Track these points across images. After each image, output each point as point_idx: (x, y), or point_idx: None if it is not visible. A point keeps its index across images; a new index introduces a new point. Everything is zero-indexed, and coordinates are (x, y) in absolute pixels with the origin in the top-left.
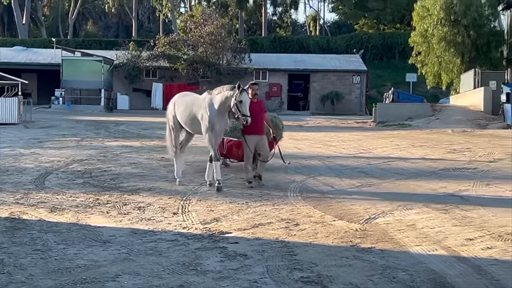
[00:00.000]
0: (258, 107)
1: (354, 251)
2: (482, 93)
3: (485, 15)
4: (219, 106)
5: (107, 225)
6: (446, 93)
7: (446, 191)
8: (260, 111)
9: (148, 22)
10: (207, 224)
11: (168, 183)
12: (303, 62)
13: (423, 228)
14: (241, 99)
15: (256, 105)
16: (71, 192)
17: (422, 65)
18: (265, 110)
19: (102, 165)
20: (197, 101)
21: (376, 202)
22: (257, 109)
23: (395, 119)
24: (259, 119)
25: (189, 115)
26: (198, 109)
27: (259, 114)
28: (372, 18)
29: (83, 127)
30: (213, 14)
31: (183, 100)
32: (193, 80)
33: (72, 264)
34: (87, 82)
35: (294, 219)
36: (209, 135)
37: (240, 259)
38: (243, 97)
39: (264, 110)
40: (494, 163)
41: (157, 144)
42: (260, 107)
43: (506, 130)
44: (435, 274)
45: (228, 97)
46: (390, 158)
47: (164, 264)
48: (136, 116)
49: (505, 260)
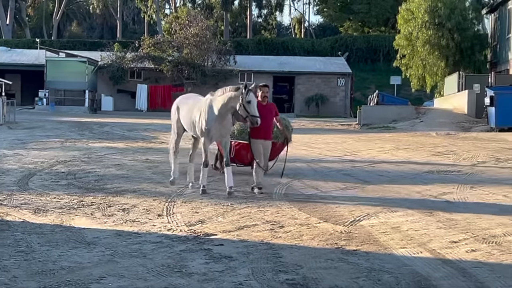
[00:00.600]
0: (268, 111)
1: (339, 253)
2: (466, 96)
3: (469, 18)
4: (220, 109)
5: (91, 227)
6: (430, 96)
7: (431, 193)
8: (269, 115)
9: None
10: (192, 226)
11: (153, 184)
12: (288, 64)
13: (408, 230)
14: (249, 99)
15: (266, 108)
16: (55, 193)
17: (407, 68)
18: (276, 113)
19: (86, 166)
20: (199, 103)
21: (361, 205)
22: (266, 113)
23: (379, 122)
24: (267, 124)
25: (190, 118)
26: (198, 112)
27: (268, 118)
28: (357, 21)
29: (67, 128)
30: (198, 16)
31: (186, 103)
32: (178, 82)
33: (56, 266)
34: (71, 83)
35: (279, 221)
36: (204, 139)
37: (225, 261)
38: (251, 97)
39: (274, 114)
40: (478, 165)
41: (141, 145)
42: (270, 110)
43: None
44: (420, 276)
45: (232, 97)
46: (375, 161)
47: (148, 266)
48: (120, 117)
49: (490, 263)
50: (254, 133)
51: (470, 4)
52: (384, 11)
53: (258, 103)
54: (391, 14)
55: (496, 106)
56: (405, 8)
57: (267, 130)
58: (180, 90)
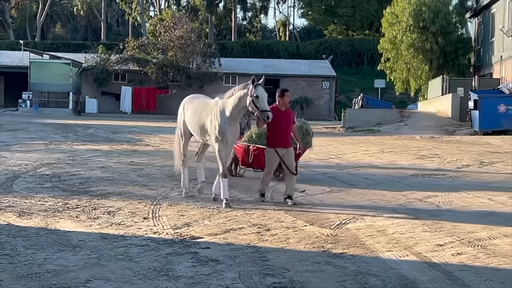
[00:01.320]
0: (286, 117)
1: (325, 257)
2: (450, 99)
3: (453, 22)
4: (232, 111)
5: (77, 230)
6: (414, 99)
7: (416, 197)
8: (287, 122)
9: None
10: (178, 229)
11: (138, 187)
12: (273, 67)
13: (394, 233)
14: (257, 93)
15: (284, 114)
16: (40, 196)
17: (391, 71)
18: (293, 121)
19: (71, 169)
20: (208, 106)
21: (347, 208)
22: (284, 119)
23: (364, 125)
24: (285, 131)
25: (198, 121)
26: (207, 116)
27: (286, 125)
28: (341, 24)
29: (51, 131)
30: (183, 18)
31: (192, 103)
32: (162, 84)
33: (42, 269)
34: (55, 85)
35: (266, 224)
36: (219, 145)
37: (212, 264)
38: (259, 91)
39: (291, 121)
40: (463, 169)
41: (126, 148)
42: (288, 117)
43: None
44: (407, 279)
45: (242, 96)
46: (360, 164)
47: (135, 269)
48: (105, 119)
49: (475, 266)
50: (270, 141)
51: (454, 8)
52: (369, 15)
53: (276, 108)
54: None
55: (480, 109)
56: (390, 12)
57: (285, 137)
58: (164, 92)
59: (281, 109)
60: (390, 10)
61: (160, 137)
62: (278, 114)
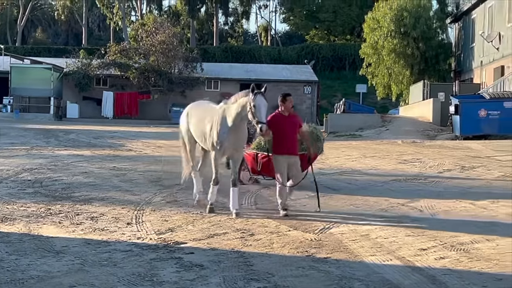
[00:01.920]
0: (291, 122)
1: (310, 261)
2: (431, 104)
3: (434, 28)
4: (235, 118)
5: (60, 236)
6: (396, 104)
7: (398, 201)
8: (292, 127)
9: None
10: (162, 235)
11: (121, 192)
12: (255, 72)
13: (377, 238)
14: (254, 103)
15: (288, 120)
16: (22, 201)
17: (372, 76)
18: (299, 124)
19: (53, 174)
20: (212, 112)
21: (330, 212)
22: (288, 125)
23: (346, 130)
24: (291, 137)
25: (201, 128)
26: (209, 122)
27: (291, 131)
28: (323, 29)
29: (33, 136)
30: (165, 23)
31: (197, 110)
32: (144, 89)
33: (25, 275)
34: (36, 90)
35: (249, 229)
36: (215, 153)
37: (196, 269)
38: (257, 100)
39: (298, 126)
40: (444, 173)
41: (108, 153)
42: (293, 122)
43: (454, 141)
44: (390, 284)
45: (244, 104)
46: (343, 169)
47: (119, 275)
48: (86, 124)
49: (458, 270)
50: (276, 147)
51: (434, 13)
52: (350, 20)
53: (279, 115)
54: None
55: (461, 114)
56: (371, 17)
57: (291, 144)
58: (146, 97)
59: (285, 115)
60: (371, 15)
61: (143, 142)
62: (281, 120)
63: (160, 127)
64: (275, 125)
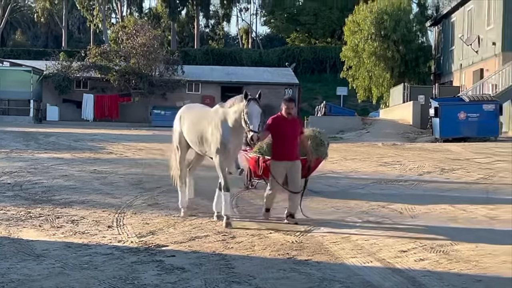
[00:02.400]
0: (291, 127)
1: (291, 264)
2: (411, 107)
3: (414, 31)
4: (234, 123)
5: (40, 239)
6: (376, 106)
7: (379, 204)
8: (293, 132)
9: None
10: (143, 237)
11: (101, 195)
12: (236, 75)
13: (358, 240)
14: (247, 109)
15: (288, 124)
16: (1, 205)
17: (353, 79)
18: (301, 130)
19: (33, 177)
20: (208, 115)
21: (311, 215)
22: (289, 129)
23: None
24: (291, 142)
25: (197, 132)
26: (208, 126)
27: (292, 135)
28: (304, 32)
29: (12, 139)
30: (145, 25)
31: (190, 114)
32: (125, 92)
33: (5, 279)
34: (15, 93)
35: (231, 231)
36: (219, 157)
37: (177, 272)
38: (249, 107)
39: (299, 131)
40: (424, 176)
41: (89, 156)
42: (294, 127)
43: (434, 144)
44: (371, 285)
45: (241, 109)
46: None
47: (100, 278)
48: (66, 127)
49: (438, 271)
50: (275, 153)
51: (414, 16)
52: (331, 23)
53: (280, 117)
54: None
55: (441, 117)
56: (352, 20)
57: (291, 148)
58: (127, 100)
59: (286, 118)
60: (352, 18)
61: (123, 145)
62: (282, 124)
63: (141, 129)
64: (276, 127)
